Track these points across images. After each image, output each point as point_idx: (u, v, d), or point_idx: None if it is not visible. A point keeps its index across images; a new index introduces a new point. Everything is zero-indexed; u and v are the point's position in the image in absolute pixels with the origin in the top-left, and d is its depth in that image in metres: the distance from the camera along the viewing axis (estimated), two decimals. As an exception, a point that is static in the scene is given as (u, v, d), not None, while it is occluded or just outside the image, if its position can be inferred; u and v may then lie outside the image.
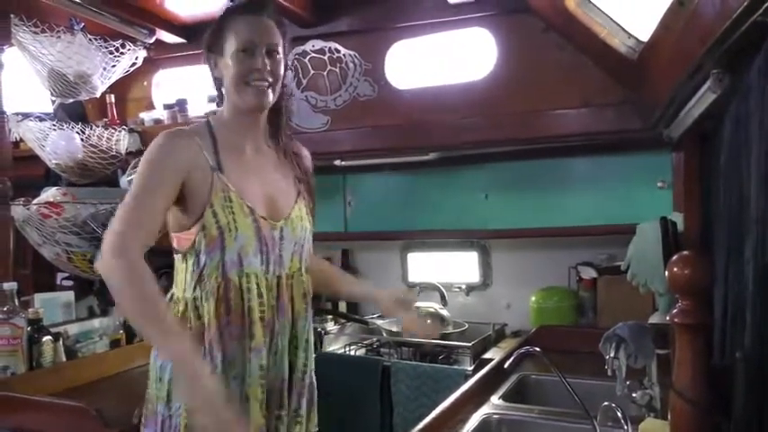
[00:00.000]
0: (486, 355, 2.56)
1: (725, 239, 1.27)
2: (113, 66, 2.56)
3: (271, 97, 1.58)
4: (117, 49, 2.54)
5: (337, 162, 2.76)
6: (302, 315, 1.66)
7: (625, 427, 1.43)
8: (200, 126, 1.63)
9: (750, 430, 1.00)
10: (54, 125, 2.62)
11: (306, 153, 1.80)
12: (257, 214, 1.56)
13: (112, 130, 2.72)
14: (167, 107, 2.75)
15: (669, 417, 1.20)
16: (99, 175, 2.72)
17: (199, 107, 2.73)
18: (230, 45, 1.54)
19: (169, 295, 1.63)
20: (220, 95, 1.67)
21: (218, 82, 1.64)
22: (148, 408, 1.64)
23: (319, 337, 2.86)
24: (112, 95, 2.81)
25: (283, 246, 1.61)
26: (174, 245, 1.60)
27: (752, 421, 0.99)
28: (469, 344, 2.64)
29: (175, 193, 1.51)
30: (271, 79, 1.56)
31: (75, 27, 2.41)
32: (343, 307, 3.23)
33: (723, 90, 1.19)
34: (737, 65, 1.11)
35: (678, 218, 1.86)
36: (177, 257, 1.61)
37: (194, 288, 1.56)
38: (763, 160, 0.94)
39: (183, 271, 1.60)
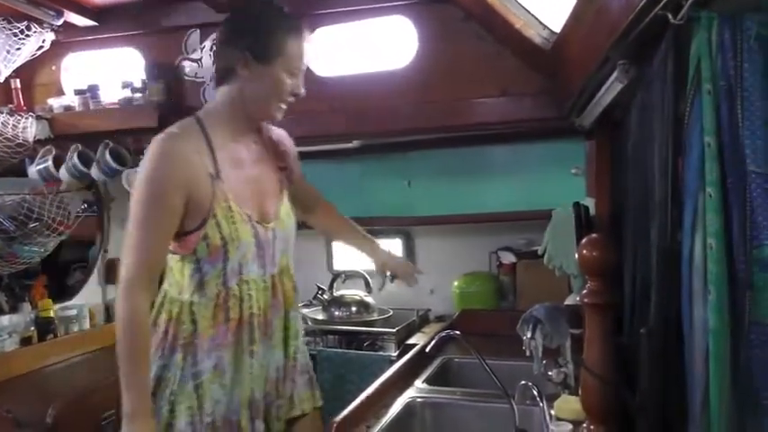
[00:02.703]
0: (411, 341, 2.60)
1: (632, 223, 1.33)
2: (18, 49, 2.43)
3: (281, 112, 1.59)
4: (22, 32, 2.41)
5: (260, 150, 2.71)
6: (293, 306, 1.67)
7: (541, 405, 1.48)
8: (192, 126, 1.54)
9: (654, 402, 1.06)
10: (-47, 112, 2.46)
11: (284, 135, 1.76)
12: (254, 220, 1.55)
13: (18, 117, 2.57)
14: (78, 93, 2.62)
15: (580, 392, 1.26)
16: (5, 165, 2.58)
17: (112, 93, 2.62)
18: (281, 61, 1.51)
19: (162, 294, 1.59)
20: (219, 82, 1.58)
21: (231, 74, 1.54)
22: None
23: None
24: (18, 80, 2.66)
25: (276, 245, 1.61)
26: (171, 247, 1.54)
27: (655, 393, 1.05)
28: (394, 330, 2.67)
29: (181, 214, 1.47)
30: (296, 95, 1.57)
31: (-25, 7, 2.27)
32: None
33: (629, 80, 1.25)
34: (642, 56, 1.16)
35: (590, 203, 1.95)
36: (173, 257, 1.56)
37: (192, 293, 1.53)
38: (664, 147, 1.00)
39: (179, 272, 1.55)
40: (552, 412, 1.56)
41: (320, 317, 2.87)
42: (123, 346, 1.42)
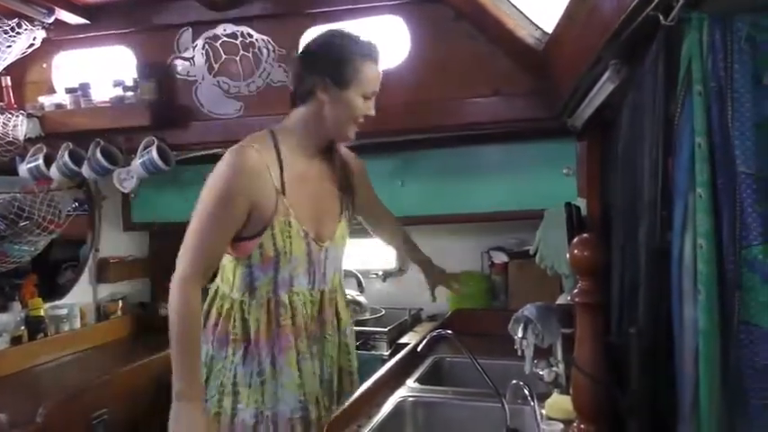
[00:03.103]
0: (403, 340, 2.60)
1: (621, 223, 1.34)
2: (8, 46, 2.41)
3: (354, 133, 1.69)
4: (12, 29, 2.39)
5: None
6: (348, 324, 1.81)
7: (532, 404, 1.48)
8: (266, 140, 1.65)
9: (644, 400, 1.06)
10: (-58, 109, 2.44)
11: (351, 156, 1.88)
12: (310, 237, 1.65)
13: (9, 115, 2.56)
14: (69, 91, 2.61)
15: (571, 391, 1.26)
16: (-5, 163, 2.56)
17: (103, 91, 2.60)
18: (356, 85, 1.62)
19: (214, 288, 1.73)
20: (294, 103, 1.69)
21: (309, 97, 1.64)
22: None
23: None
24: (8, 78, 2.64)
25: (327, 264, 1.71)
26: (229, 249, 1.64)
27: (645, 392, 1.06)
28: (386, 329, 2.67)
29: (243, 221, 1.59)
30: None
31: (-36, 4, 2.25)
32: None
33: (621, 80, 1.25)
34: (634, 56, 1.17)
35: (582, 203, 1.95)
36: (227, 257, 1.67)
37: (243, 293, 1.64)
38: (654, 148, 1.00)
39: (231, 271, 1.67)
40: (543, 411, 1.56)
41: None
42: (177, 333, 1.52)
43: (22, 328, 2.51)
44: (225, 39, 2.45)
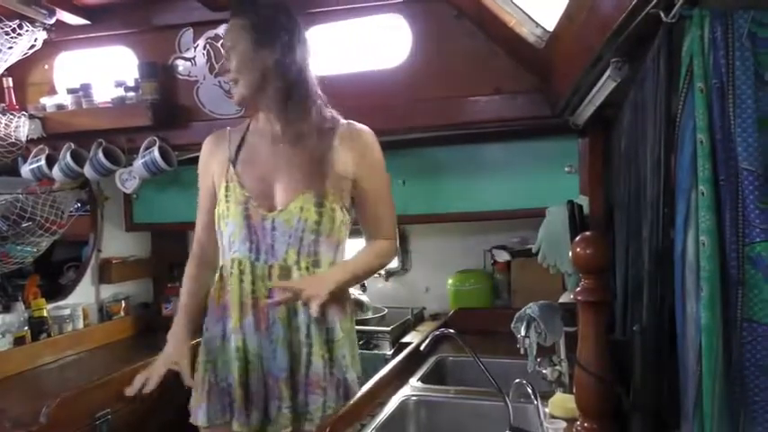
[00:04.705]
0: (405, 339, 2.60)
1: (625, 220, 1.34)
2: (10, 47, 2.41)
3: (235, 93, 1.70)
4: (13, 30, 2.39)
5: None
6: (300, 308, 1.66)
7: (535, 402, 1.48)
8: (243, 123, 1.82)
9: (647, 398, 1.06)
10: (-56, 111, 2.44)
11: (352, 136, 1.74)
12: (251, 203, 1.66)
13: (11, 116, 2.56)
14: (71, 92, 2.61)
15: (574, 390, 1.26)
16: (-3, 164, 2.57)
17: (104, 92, 2.61)
18: None
19: None
20: None
21: None
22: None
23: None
24: (10, 79, 2.65)
25: (275, 236, 1.66)
26: None
27: (649, 390, 1.06)
28: (389, 328, 2.67)
29: (213, 193, 1.77)
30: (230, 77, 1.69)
31: (-34, 6, 2.25)
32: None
33: (622, 78, 1.25)
34: (635, 54, 1.17)
35: (584, 201, 1.95)
36: None
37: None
38: (656, 145, 1.00)
39: None
40: (547, 410, 1.56)
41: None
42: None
43: (26, 328, 2.51)
44: (226, 39, 2.45)
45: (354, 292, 2.93)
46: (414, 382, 1.95)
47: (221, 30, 2.45)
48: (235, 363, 1.66)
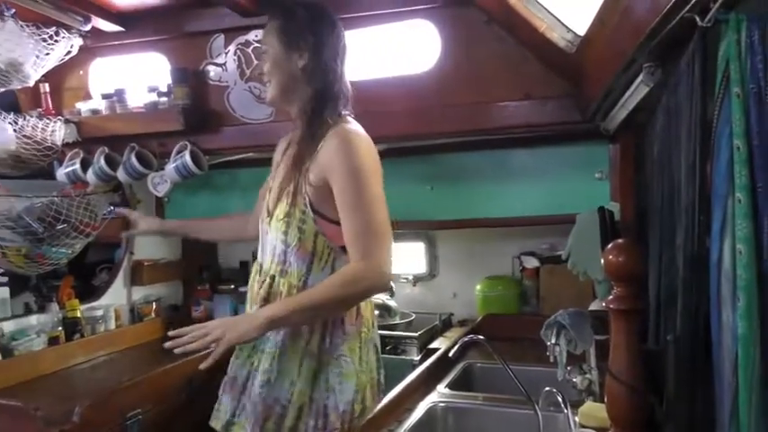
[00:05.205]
0: (433, 345, 2.59)
1: (658, 228, 1.31)
2: (47, 54, 2.46)
3: (268, 93, 1.71)
4: (51, 37, 2.44)
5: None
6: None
7: (565, 411, 1.47)
8: None
9: (681, 410, 1.04)
10: (-16, 116, 2.50)
11: (333, 144, 1.57)
12: (265, 211, 1.73)
13: (47, 121, 2.62)
14: (105, 97, 2.66)
15: (605, 399, 1.24)
16: (34, 168, 2.62)
17: (138, 97, 2.65)
18: None
19: None
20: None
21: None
22: None
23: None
24: (47, 84, 2.71)
25: (266, 242, 1.70)
26: None
27: (683, 400, 1.04)
28: (416, 334, 2.67)
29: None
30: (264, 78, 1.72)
31: (6, 13, 2.30)
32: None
33: (655, 83, 1.23)
34: (669, 58, 1.15)
35: (615, 207, 1.93)
36: None
37: None
38: (691, 151, 0.98)
39: None
40: (576, 419, 1.54)
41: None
42: None
43: (60, 328, 2.56)
44: (256, 44, 2.48)
45: (382, 296, 2.94)
46: (441, 388, 1.95)
47: (252, 35, 2.48)
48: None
